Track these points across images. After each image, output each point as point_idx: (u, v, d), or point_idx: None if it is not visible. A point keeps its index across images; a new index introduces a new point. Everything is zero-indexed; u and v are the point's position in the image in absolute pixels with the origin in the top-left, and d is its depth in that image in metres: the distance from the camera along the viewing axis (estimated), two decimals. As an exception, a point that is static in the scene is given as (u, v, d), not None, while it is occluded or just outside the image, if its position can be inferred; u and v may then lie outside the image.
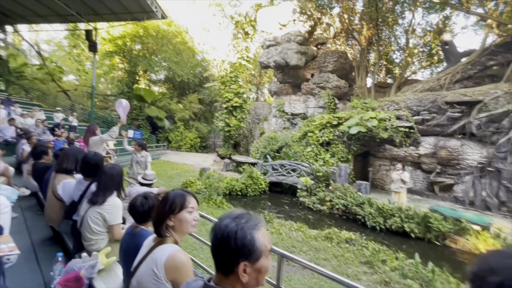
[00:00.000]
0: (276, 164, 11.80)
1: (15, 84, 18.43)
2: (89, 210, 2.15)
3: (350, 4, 17.43)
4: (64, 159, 2.83)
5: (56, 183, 2.77)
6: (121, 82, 26.63)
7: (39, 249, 2.61)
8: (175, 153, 21.20)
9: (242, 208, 6.35)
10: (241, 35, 24.12)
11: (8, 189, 2.67)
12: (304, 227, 6.42)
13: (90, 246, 2.18)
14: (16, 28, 19.15)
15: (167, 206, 1.31)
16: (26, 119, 9.48)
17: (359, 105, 13.14)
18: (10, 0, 13.11)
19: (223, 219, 0.89)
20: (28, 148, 5.05)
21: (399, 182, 7.88)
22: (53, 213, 2.73)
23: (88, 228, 2.15)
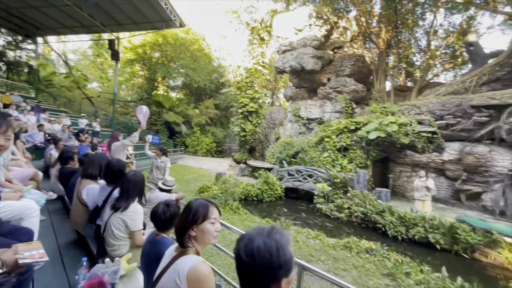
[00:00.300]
0: (292, 170, 11.67)
1: (44, 92, 19.61)
2: (112, 216, 2.21)
3: (368, 7, 17.14)
4: (89, 165, 2.94)
5: (81, 188, 2.88)
6: (141, 88, 27.62)
7: (65, 252, 2.70)
8: (191, 158, 21.56)
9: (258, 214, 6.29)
10: (256, 41, 24.36)
11: (37, 193, 2.79)
12: (322, 235, 6.26)
13: (113, 251, 2.22)
14: (46, 40, 20.41)
15: (190, 216, 1.30)
16: (54, 125, 10.01)
17: (378, 109, 12.78)
18: (41, 14, 14.05)
19: (254, 236, 0.85)
20: (56, 153, 5.30)
21: (424, 190, 7.51)
22: (78, 217, 2.83)
23: (111, 234, 2.20)
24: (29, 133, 8.12)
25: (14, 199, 2.21)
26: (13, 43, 19.98)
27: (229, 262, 4.28)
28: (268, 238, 0.83)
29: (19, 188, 2.64)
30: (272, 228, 0.89)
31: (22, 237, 1.93)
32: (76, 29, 16.17)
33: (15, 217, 2.13)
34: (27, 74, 20.60)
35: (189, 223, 1.30)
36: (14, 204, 2.13)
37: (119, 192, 2.32)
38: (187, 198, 8.41)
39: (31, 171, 3.68)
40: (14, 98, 11.33)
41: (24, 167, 4.13)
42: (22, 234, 1.96)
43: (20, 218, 2.15)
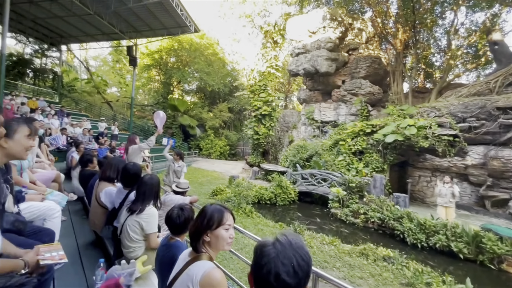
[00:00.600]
0: (306, 173, 11.53)
1: (67, 97, 20.57)
2: (128, 219, 2.25)
3: (384, 8, 16.78)
4: (107, 168, 3.03)
5: (99, 190, 2.97)
6: (157, 93, 28.37)
7: (83, 252, 2.79)
8: (205, 161, 21.82)
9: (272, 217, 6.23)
10: (270, 44, 24.42)
11: (59, 195, 2.91)
12: (337, 241, 6.12)
13: (129, 253, 2.26)
14: (69, 47, 21.47)
15: (205, 221, 1.30)
16: (75, 128, 10.45)
17: (395, 112, 12.42)
18: (65, 23, 14.81)
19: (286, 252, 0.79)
20: (77, 156, 5.52)
21: (449, 196, 7.17)
22: (96, 218, 2.91)
23: (127, 236, 2.24)
24: (53, 136, 8.51)
25: (38, 200, 2.31)
26: (39, 51, 21.16)
27: (242, 267, 4.26)
28: (293, 250, 0.79)
29: (42, 190, 2.76)
30: (291, 239, 0.83)
31: (44, 237, 2.00)
32: (97, 36, 16.93)
33: (38, 218, 2.22)
34: (52, 80, 21.72)
35: (204, 228, 1.30)
36: (38, 205, 2.22)
37: (135, 195, 2.37)
38: (201, 201, 8.49)
39: (53, 173, 3.84)
40: (39, 103, 11.95)
41: (48, 169, 4.32)
42: (45, 234, 2.03)
43: (43, 219, 2.24)
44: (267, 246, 0.82)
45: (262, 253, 0.81)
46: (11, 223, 1.72)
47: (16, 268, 1.15)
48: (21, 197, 2.17)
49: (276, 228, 6.82)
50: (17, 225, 1.79)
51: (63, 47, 19.35)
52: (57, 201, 2.74)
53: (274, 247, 0.80)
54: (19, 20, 14.53)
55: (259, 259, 0.81)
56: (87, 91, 25.00)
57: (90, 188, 3.70)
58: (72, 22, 14.77)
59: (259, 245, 0.86)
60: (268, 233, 6.33)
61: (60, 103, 17.11)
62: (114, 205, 2.83)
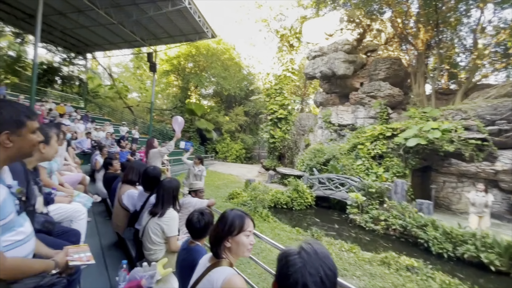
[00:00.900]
0: (323, 178, 11.32)
1: (92, 102, 21.62)
2: (150, 221, 2.30)
3: (404, 7, 16.28)
4: (129, 171, 3.13)
5: (122, 192, 3.06)
6: (175, 97, 29.13)
7: (107, 253, 2.88)
8: (221, 164, 22.03)
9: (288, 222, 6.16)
10: (286, 48, 24.41)
11: (85, 197, 3.03)
12: (356, 248, 5.92)
13: (150, 255, 2.31)
14: (94, 55, 22.61)
15: (226, 227, 1.30)
16: (99, 132, 10.93)
17: (417, 114, 11.93)
18: (91, 32, 15.65)
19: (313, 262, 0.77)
20: (100, 159, 5.75)
21: (483, 205, 6.75)
22: (119, 220, 3.01)
23: (148, 238, 2.29)
24: (78, 140, 8.95)
25: (65, 202, 2.42)
26: (67, 59, 22.43)
27: (259, 272, 4.23)
28: (320, 261, 0.77)
29: (70, 192, 2.89)
30: (315, 248, 0.81)
31: (71, 238, 2.09)
32: (120, 44, 17.71)
33: (66, 219, 2.33)
34: (78, 87, 22.90)
35: (225, 234, 1.30)
36: (66, 207, 2.33)
37: (155, 198, 2.43)
38: (218, 204, 8.56)
39: (80, 176, 4.02)
40: (67, 108, 12.63)
41: (74, 172, 4.53)
42: (72, 235, 2.12)
43: (70, 220, 2.34)
44: (292, 255, 0.80)
45: (287, 263, 0.79)
46: (41, 224, 1.80)
47: (48, 268, 1.20)
48: (51, 199, 2.28)
49: (293, 233, 6.72)
50: (46, 225, 1.88)
51: (89, 55, 20.41)
52: (83, 202, 2.85)
53: (300, 257, 0.78)
54: (49, 31, 15.50)
55: (285, 268, 0.79)
56: (110, 97, 26.15)
57: (113, 190, 3.83)
58: (97, 32, 15.57)
59: (283, 253, 0.84)
60: (285, 238, 6.25)
61: (85, 108, 18.00)
62: (135, 207, 2.91)
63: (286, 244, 5.68)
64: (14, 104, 1.16)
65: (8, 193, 1.09)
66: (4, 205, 1.03)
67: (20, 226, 1.18)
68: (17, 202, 1.18)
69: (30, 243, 1.22)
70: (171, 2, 11.77)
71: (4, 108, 1.06)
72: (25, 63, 21.04)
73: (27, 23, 14.73)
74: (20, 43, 21.11)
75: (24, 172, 1.45)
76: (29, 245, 1.21)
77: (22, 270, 1.09)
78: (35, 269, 1.14)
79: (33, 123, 1.16)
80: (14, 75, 19.65)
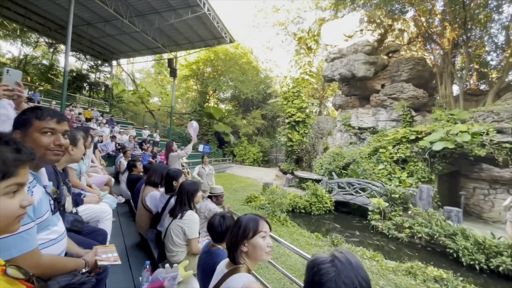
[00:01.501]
0: (343, 182, 11.03)
1: (116, 107, 22.63)
2: (172, 223, 2.34)
3: (428, 6, 15.64)
4: (152, 173, 3.21)
5: (145, 194, 3.15)
6: (194, 101, 29.81)
7: (131, 253, 2.96)
8: (239, 167, 22.15)
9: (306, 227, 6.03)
10: (303, 51, 24.25)
11: (111, 198, 3.14)
12: (379, 256, 5.68)
13: (172, 257, 2.35)
14: (119, 62, 23.72)
15: (241, 231, 1.29)
16: (123, 135, 11.37)
17: (444, 117, 11.35)
18: (116, 41, 16.47)
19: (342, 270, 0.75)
20: (124, 162, 5.97)
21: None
22: (142, 221, 3.09)
23: (170, 240, 2.33)
24: (104, 143, 9.36)
25: (94, 203, 2.52)
26: (94, 67, 23.71)
27: (278, 277, 4.17)
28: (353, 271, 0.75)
29: (97, 193, 3.02)
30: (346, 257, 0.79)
31: (98, 237, 2.16)
32: (142, 51, 18.48)
33: (93, 219, 2.42)
34: (104, 92, 24.09)
35: (240, 238, 1.28)
36: (94, 208, 2.43)
37: (175, 200, 2.47)
38: (235, 207, 8.59)
39: (106, 177, 4.19)
40: (94, 113, 13.29)
41: (100, 173, 4.73)
42: (99, 234, 2.20)
43: (97, 220, 2.43)
44: (324, 263, 0.77)
45: (320, 271, 0.77)
46: (70, 223, 1.88)
47: (79, 267, 1.24)
48: (80, 200, 2.39)
49: (312, 239, 6.58)
50: (76, 224, 1.96)
51: (114, 62, 21.45)
52: (108, 203, 2.96)
53: (333, 265, 0.76)
54: (79, 41, 16.50)
55: (317, 276, 0.76)
56: (133, 101, 27.26)
57: (136, 191, 3.96)
58: (122, 40, 16.35)
59: (314, 261, 0.81)
60: (304, 243, 6.13)
61: (110, 113, 18.86)
62: (157, 209, 2.98)
63: (306, 249, 5.57)
64: (51, 109, 1.23)
65: (44, 193, 1.15)
66: (40, 204, 1.08)
67: (54, 225, 1.23)
68: (52, 202, 1.24)
69: (63, 242, 1.28)
70: (191, 9, 12.12)
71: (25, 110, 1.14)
72: (57, 71, 22.49)
73: (59, 34, 15.79)
74: (53, 53, 22.62)
75: (55, 173, 1.53)
76: (62, 244, 1.26)
77: (56, 267, 1.13)
78: (67, 267, 1.19)
79: (41, 123, 1.17)
80: (47, 82, 21.05)
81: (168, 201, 2.83)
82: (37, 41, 21.73)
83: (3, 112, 1.54)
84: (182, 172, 3.11)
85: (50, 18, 14.31)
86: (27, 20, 14.12)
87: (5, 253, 0.88)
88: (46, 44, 21.54)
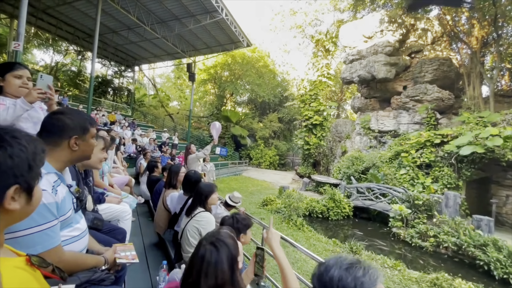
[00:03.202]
0: (362, 187, 10.69)
1: (138, 111, 23.50)
2: (188, 224, 2.36)
3: (454, 3, 14.92)
4: (171, 176, 3.28)
5: (166, 194, 3.22)
6: (212, 105, 30.30)
7: (149, 252, 3.03)
8: (255, 170, 22.15)
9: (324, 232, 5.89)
10: (321, 53, 23.97)
11: (131, 198, 3.24)
12: (401, 265, 5.42)
13: (187, 257, 2.36)
14: (141, 68, 24.67)
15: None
16: (143, 138, 11.77)
17: (472, 119, 10.71)
18: (138, 47, 17.19)
19: (331, 266, 0.75)
20: (144, 163, 6.16)
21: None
22: (161, 221, 3.15)
23: (186, 240, 2.35)
24: (126, 145, 9.73)
25: (115, 202, 2.61)
26: (118, 72, 24.83)
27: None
28: (346, 272, 0.72)
29: (118, 193, 3.12)
30: (356, 262, 0.75)
31: (118, 235, 2.23)
32: (163, 57, 19.13)
33: (114, 219, 2.50)
34: (126, 97, 25.13)
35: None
36: (114, 207, 2.51)
37: (191, 200, 2.50)
38: (251, 210, 8.58)
39: (127, 178, 4.34)
40: (117, 116, 13.88)
41: (122, 174, 4.91)
42: (118, 233, 2.26)
43: (117, 220, 2.51)
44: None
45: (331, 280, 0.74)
46: (91, 221, 1.95)
47: (99, 264, 1.28)
48: (102, 199, 2.48)
49: (330, 244, 6.42)
50: (95, 222, 2.03)
51: (136, 68, 22.36)
52: (129, 203, 3.06)
53: (334, 260, 0.76)
54: (104, 48, 17.37)
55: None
56: (153, 105, 28.17)
57: (156, 192, 4.05)
58: (144, 46, 17.03)
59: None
60: (321, 249, 5.99)
61: (132, 116, 19.61)
62: (175, 210, 3.03)
63: (323, 255, 5.43)
64: (80, 112, 1.30)
65: (67, 192, 1.19)
66: (64, 202, 1.13)
67: (76, 223, 1.28)
68: (74, 201, 1.29)
69: (85, 239, 1.32)
70: (209, 15, 12.39)
71: (73, 115, 1.22)
72: (84, 77, 23.79)
73: (86, 42, 16.73)
74: (81, 60, 23.97)
75: (76, 173, 1.59)
76: (83, 241, 1.30)
77: (77, 263, 1.17)
78: (88, 264, 1.23)
79: (94, 130, 1.30)
80: (75, 88, 22.31)
81: (186, 202, 2.88)
82: (67, 49, 23.12)
83: (35, 115, 1.64)
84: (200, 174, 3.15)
85: (79, 27, 15.21)
86: (59, 29, 15.08)
87: (31, 249, 0.92)
88: (75, 51, 22.87)
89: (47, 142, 1.12)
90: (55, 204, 1.05)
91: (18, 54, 6.57)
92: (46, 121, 1.19)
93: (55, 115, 1.21)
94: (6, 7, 12.53)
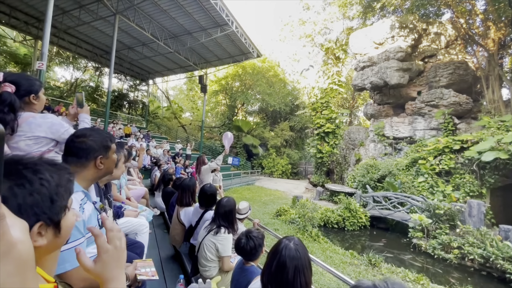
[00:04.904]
0: (379, 196, 10.38)
1: (152, 122, 24.11)
2: (205, 238, 2.37)
3: (467, 6, 14.65)
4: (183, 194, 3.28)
5: (180, 209, 3.25)
6: (223, 115, 30.68)
7: (165, 266, 3.04)
8: (268, 179, 22.02)
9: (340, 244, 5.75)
10: (331, 61, 23.98)
11: (147, 211, 3.30)
12: (424, 279, 5.16)
13: (204, 271, 2.36)
14: (154, 81, 25.47)
15: None
16: (158, 149, 12.01)
17: (493, 124, 10.30)
18: (152, 62, 17.82)
19: None
20: (159, 174, 6.26)
21: None
22: (176, 234, 3.18)
23: (203, 254, 2.35)
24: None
25: (133, 216, 2.66)
26: (133, 86, 25.73)
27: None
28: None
29: (135, 205, 3.18)
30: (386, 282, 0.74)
31: (136, 250, 2.26)
32: (175, 70, 19.70)
33: (132, 232, 2.54)
34: (141, 109, 25.89)
35: None
36: (132, 221, 2.56)
37: (213, 215, 2.50)
38: (265, 220, 8.48)
39: (143, 190, 4.42)
40: (132, 129, 14.29)
41: (138, 186, 5.01)
42: (137, 247, 2.30)
43: (135, 233, 2.55)
44: None
45: None
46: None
47: (121, 280, 1.30)
48: (121, 213, 2.53)
49: (347, 256, 6.22)
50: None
51: (150, 81, 23.11)
52: (145, 216, 3.11)
53: None
54: (120, 63, 18.11)
55: None
56: (167, 117, 28.86)
57: (171, 204, 4.10)
58: (157, 60, 17.64)
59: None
60: (338, 261, 5.80)
61: (147, 128, 20.13)
62: (191, 223, 3.05)
63: (340, 268, 5.26)
64: (99, 130, 1.35)
65: (93, 209, 1.23)
66: (90, 220, 1.16)
67: (100, 239, 1.31)
68: (99, 217, 1.33)
69: (108, 256, 1.35)
70: (220, 28, 12.73)
71: (94, 136, 1.27)
72: (101, 92, 24.79)
73: (104, 58, 17.52)
74: (98, 75, 25.06)
75: (99, 189, 1.64)
76: (107, 257, 1.33)
77: (101, 280, 1.20)
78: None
79: (114, 146, 1.37)
80: (93, 102, 23.24)
81: (202, 216, 2.89)
82: (86, 65, 24.27)
83: (66, 124, 1.75)
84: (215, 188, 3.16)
85: (97, 45, 15.98)
86: (78, 48, 15.90)
87: (60, 266, 0.95)
88: (93, 68, 23.95)
89: (74, 165, 1.17)
90: (83, 222, 1.09)
91: (42, 72, 6.95)
92: (71, 145, 1.23)
93: (78, 138, 1.26)
94: (32, 29, 13.39)
